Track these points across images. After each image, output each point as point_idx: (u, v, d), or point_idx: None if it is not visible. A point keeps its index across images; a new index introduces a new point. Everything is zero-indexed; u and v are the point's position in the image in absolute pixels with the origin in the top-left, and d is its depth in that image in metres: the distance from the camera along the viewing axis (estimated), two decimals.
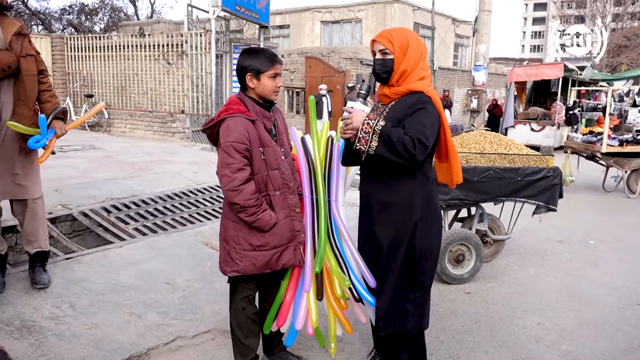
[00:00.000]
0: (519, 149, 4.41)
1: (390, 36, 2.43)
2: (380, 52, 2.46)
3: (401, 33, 2.45)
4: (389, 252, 2.47)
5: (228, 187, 2.39)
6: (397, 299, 2.52)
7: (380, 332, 2.54)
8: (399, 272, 2.49)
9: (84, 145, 8.99)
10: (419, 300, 2.54)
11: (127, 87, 12.41)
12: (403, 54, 2.40)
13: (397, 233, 2.44)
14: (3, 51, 3.10)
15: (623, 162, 7.94)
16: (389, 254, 2.47)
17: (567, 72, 14.25)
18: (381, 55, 2.46)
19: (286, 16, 27.01)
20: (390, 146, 2.23)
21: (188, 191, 6.07)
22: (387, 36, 2.44)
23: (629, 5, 34.50)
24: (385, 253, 2.48)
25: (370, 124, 2.27)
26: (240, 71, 2.51)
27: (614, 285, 4.29)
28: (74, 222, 4.95)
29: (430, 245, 2.51)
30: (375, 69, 2.50)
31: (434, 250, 2.54)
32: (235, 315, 2.65)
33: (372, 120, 2.28)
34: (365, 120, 2.28)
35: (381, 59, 2.46)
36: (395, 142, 2.22)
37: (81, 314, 3.23)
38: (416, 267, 2.48)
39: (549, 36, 72.89)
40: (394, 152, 2.24)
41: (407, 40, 2.42)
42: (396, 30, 2.49)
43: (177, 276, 3.93)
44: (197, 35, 10.90)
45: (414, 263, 2.47)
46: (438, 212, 2.57)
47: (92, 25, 29.17)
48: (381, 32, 2.50)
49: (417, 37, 2.50)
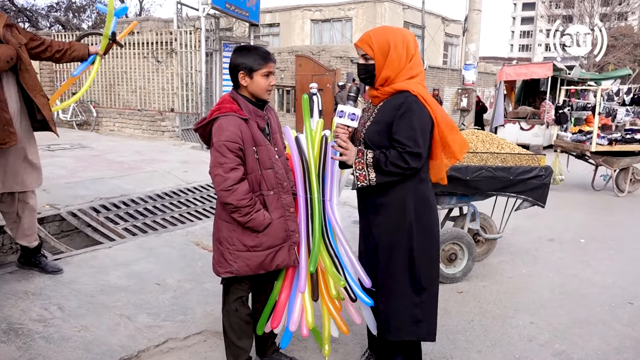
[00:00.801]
0: (511, 148, 4.41)
1: (370, 40, 2.37)
2: (362, 56, 2.43)
3: (382, 35, 2.37)
4: (388, 255, 2.44)
5: (221, 187, 2.36)
6: (402, 304, 2.47)
7: (389, 338, 2.51)
8: (401, 276, 2.44)
9: (72, 144, 8.89)
10: (425, 305, 2.48)
11: (116, 85, 12.29)
12: (384, 58, 2.34)
13: (393, 235, 2.41)
14: (2, 45, 3.06)
15: (612, 161, 7.99)
16: (387, 258, 2.44)
17: (556, 72, 14.34)
18: (363, 60, 2.43)
19: (276, 14, 26.93)
20: (387, 172, 2.29)
21: (178, 190, 6.01)
22: (367, 40, 2.39)
23: (615, 6, 34.88)
24: (384, 256, 2.45)
25: (361, 161, 2.32)
26: (232, 69, 2.47)
27: (605, 284, 4.30)
28: (62, 222, 4.87)
29: (428, 248, 2.46)
30: (358, 73, 2.48)
31: (433, 253, 2.50)
32: (228, 317, 2.62)
33: (362, 156, 2.32)
34: (356, 159, 2.33)
35: (363, 64, 2.44)
36: (389, 166, 2.27)
37: (70, 316, 3.17)
38: (416, 269, 2.44)
39: (538, 36, 73.48)
40: (393, 174, 2.30)
41: (388, 42, 2.33)
42: (377, 32, 2.41)
43: (168, 277, 3.88)
44: (186, 33, 10.81)
45: (414, 266, 2.43)
46: (434, 213, 2.51)
47: (79, 22, 28.85)
48: (362, 35, 2.44)
49: (403, 35, 2.38)
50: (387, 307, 2.49)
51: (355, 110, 2.36)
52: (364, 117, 2.49)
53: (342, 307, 2.72)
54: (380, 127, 2.36)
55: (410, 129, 2.26)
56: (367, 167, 2.30)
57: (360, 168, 2.31)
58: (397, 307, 2.47)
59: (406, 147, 2.25)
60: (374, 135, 2.38)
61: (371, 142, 2.38)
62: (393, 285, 2.46)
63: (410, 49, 2.36)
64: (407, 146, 2.24)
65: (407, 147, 2.24)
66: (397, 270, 2.44)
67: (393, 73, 2.34)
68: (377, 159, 2.28)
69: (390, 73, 2.34)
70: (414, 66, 2.38)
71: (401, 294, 2.46)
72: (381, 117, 2.37)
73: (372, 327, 2.68)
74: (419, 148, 2.26)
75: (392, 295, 2.47)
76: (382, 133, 2.35)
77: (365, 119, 2.48)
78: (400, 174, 2.29)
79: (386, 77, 2.36)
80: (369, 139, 2.40)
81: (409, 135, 2.25)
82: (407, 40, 2.37)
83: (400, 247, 2.41)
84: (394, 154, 2.26)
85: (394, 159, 2.25)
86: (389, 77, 2.35)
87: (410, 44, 2.37)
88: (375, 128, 2.38)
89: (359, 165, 2.32)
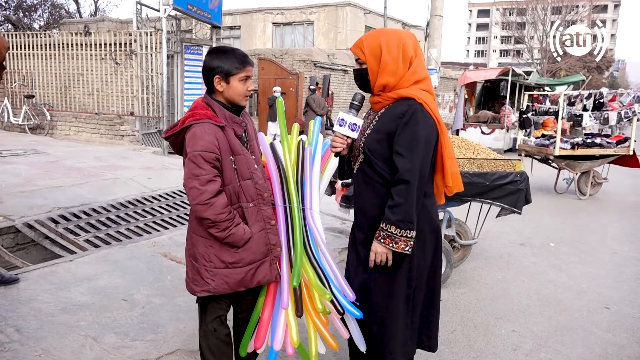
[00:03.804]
0: (487, 154, 4.38)
1: (362, 44, 2.23)
2: (356, 61, 2.29)
3: (374, 37, 2.21)
4: (388, 276, 2.28)
5: (197, 200, 2.17)
6: (398, 326, 2.32)
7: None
8: (400, 299, 2.29)
9: (26, 150, 8.42)
10: (415, 324, 2.37)
11: (71, 88, 11.81)
12: (377, 62, 2.18)
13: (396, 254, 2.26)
14: None
15: (574, 164, 8.17)
16: (388, 278, 2.29)
17: (515, 77, 14.69)
18: (358, 65, 2.29)
19: (237, 17, 26.63)
20: (406, 212, 2.11)
21: (143, 198, 5.74)
22: (359, 44, 2.25)
23: (566, 14, 36.16)
24: (384, 277, 2.29)
25: (391, 237, 2.14)
26: (207, 73, 2.29)
27: (580, 289, 4.33)
28: (17, 235, 4.55)
29: (429, 264, 2.34)
30: (354, 79, 2.34)
31: (435, 268, 2.38)
32: (206, 338, 2.44)
33: (379, 234, 2.17)
34: (386, 245, 2.16)
35: (357, 69, 2.30)
36: (404, 207, 2.10)
37: (29, 338, 2.91)
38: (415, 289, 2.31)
39: (492, 42, 75.50)
40: (412, 205, 2.12)
41: (379, 45, 2.17)
42: (370, 34, 2.26)
43: (136, 292, 3.65)
44: (147, 34, 10.49)
45: (410, 285, 2.30)
46: (435, 228, 2.35)
47: (31, 22, 27.71)
48: (358, 39, 2.30)
49: (398, 36, 2.21)
50: (383, 329, 2.34)
51: (357, 120, 2.22)
52: (363, 125, 2.32)
53: (328, 321, 2.58)
54: (380, 136, 2.20)
55: (413, 139, 2.11)
56: (399, 235, 2.12)
57: (396, 240, 2.13)
58: (392, 329, 2.31)
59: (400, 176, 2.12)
60: (374, 144, 2.22)
61: (371, 151, 2.22)
62: (389, 308, 2.30)
63: (407, 51, 2.18)
64: (400, 177, 2.11)
65: (400, 177, 2.11)
66: (397, 292, 2.28)
67: (392, 78, 2.18)
68: (391, 218, 2.12)
69: (389, 78, 2.18)
70: (417, 70, 2.20)
71: (396, 315, 2.31)
72: (382, 125, 2.21)
73: (360, 343, 2.54)
74: (414, 169, 2.11)
75: (388, 317, 2.31)
76: (382, 142, 2.19)
77: (365, 127, 2.31)
78: (412, 197, 2.12)
79: (385, 83, 2.19)
80: (368, 148, 2.23)
81: (411, 146, 2.11)
82: (402, 41, 2.19)
83: (401, 268, 2.26)
84: (390, 199, 2.13)
85: (402, 193, 2.10)
86: (388, 83, 2.19)
87: (408, 46, 2.18)
88: (376, 137, 2.22)
89: (388, 241, 2.14)
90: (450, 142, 2.28)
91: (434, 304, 2.44)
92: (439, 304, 2.47)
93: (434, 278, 2.40)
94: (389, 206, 2.14)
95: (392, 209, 2.12)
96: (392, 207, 2.13)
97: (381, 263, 2.21)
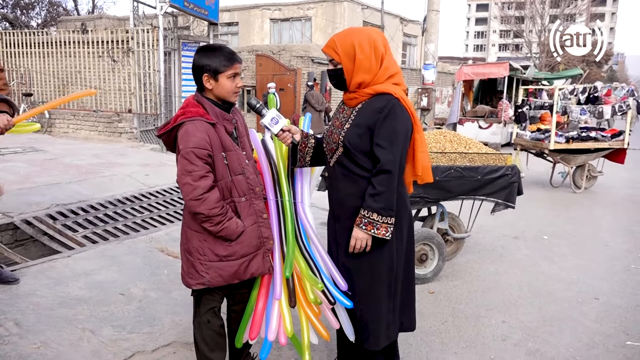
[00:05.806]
0: (478, 148, 4.44)
1: (334, 45, 2.30)
2: (330, 62, 2.37)
3: (346, 38, 2.29)
4: (369, 263, 2.38)
5: (190, 196, 2.24)
6: (380, 311, 2.42)
7: (370, 348, 2.45)
8: (381, 283, 2.39)
9: (24, 148, 8.48)
10: (397, 307, 2.47)
11: (69, 85, 11.85)
12: (351, 61, 2.27)
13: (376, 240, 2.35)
14: None
15: (569, 158, 8.23)
16: (369, 265, 2.38)
17: (512, 71, 14.72)
18: (332, 65, 2.37)
19: (235, 13, 26.60)
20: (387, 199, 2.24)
21: (140, 195, 5.80)
22: (332, 45, 2.32)
23: (565, 8, 36.15)
24: (365, 263, 2.38)
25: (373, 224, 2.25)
26: (196, 71, 2.35)
27: (570, 280, 4.39)
28: (16, 231, 4.62)
29: (405, 248, 2.44)
30: (329, 79, 2.42)
31: (410, 252, 2.49)
32: (200, 329, 2.51)
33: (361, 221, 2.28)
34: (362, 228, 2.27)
35: (332, 70, 2.37)
36: (385, 195, 2.23)
37: (28, 332, 2.98)
38: (395, 274, 2.40)
39: (491, 36, 75.45)
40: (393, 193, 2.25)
41: (353, 45, 2.25)
42: (341, 35, 2.34)
43: (132, 286, 3.71)
44: (144, 31, 10.51)
45: (392, 271, 2.39)
46: (409, 214, 2.48)
47: (28, 20, 27.71)
48: (328, 40, 2.37)
49: (368, 35, 2.29)
50: (367, 315, 2.43)
51: (272, 112, 2.42)
52: (339, 119, 2.42)
53: (320, 312, 2.64)
54: (361, 131, 2.29)
55: (393, 132, 2.22)
56: (380, 222, 2.24)
57: (371, 228, 2.25)
58: (376, 314, 2.41)
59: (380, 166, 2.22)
60: (354, 138, 2.30)
61: (352, 144, 2.30)
62: (372, 293, 2.40)
63: (378, 48, 2.28)
64: (381, 167, 2.22)
65: (381, 167, 2.22)
66: (380, 278, 2.38)
67: (368, 76, 2.27)
68: (372, 206, 2.23)
69: (365, 76, 2.27)
70: (389, 66, 2.31)
71: (379, 301, 2.40)
72: (362, 120, 2.30)
73: (350, 333, 2.61)
74: (394, 159, 2.23)
75: (371, 302, 2.41)
76: (363, 136, 2.28)
77: (341, 121, 2.40)
78: (391, 185, 2.24)
79: (361, 81, 2.28)
80: (349, 142, 2.31)
81: (391, 139, 2.21)
82: (373, 39, 2.28)
83: (382, 254, 2.36)
84: (378, 180, 2.23)
85: (382, 183, 2.22)
86: (364, 80, 2.28)
87: (378, 43, 2.28)
88: (357, 131, 2.30)
89: (369, 227, 2.25)
90: (423, 136, 2.38)
91: (410, 286, 2.56)
92: (414, 285, 2.60)
93: (409, 261, 2.50)
94: (370, 194, 2.25)
95: (374, 197, 2.23)
96: (373, 195, 2.23)
97: (361, 249, 2.31)
